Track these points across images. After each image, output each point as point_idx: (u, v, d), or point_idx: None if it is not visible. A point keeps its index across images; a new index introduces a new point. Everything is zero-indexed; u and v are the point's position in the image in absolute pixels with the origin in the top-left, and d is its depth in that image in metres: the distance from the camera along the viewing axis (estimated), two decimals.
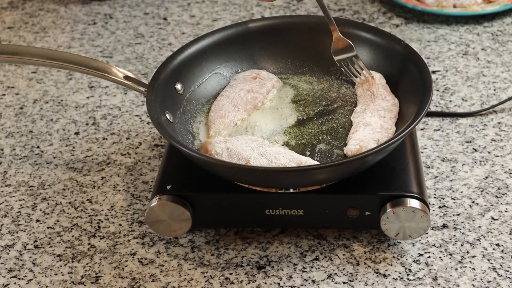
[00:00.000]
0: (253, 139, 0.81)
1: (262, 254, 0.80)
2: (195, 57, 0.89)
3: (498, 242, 0.80)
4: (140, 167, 0.93)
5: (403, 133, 0.74)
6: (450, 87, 1.05)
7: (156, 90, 0.82)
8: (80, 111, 1.05)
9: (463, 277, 0.76)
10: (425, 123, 0.98)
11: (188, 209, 0.78)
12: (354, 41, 0.89)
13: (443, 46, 1.14)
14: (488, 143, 0.94)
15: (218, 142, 0.80)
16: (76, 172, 0.93)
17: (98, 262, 0.80)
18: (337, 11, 1.26)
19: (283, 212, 0.78)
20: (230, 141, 0.80)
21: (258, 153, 0.78)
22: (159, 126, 0.77)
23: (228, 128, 0.85)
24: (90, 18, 1.29)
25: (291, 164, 0.76)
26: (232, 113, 0.85)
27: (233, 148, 0.78)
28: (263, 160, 0.77)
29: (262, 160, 0.77)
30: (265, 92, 0.89)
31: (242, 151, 0.78)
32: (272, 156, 0.77)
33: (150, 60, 1.16)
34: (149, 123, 1.02)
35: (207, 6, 1.30)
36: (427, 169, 0.90)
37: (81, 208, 0.88)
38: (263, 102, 0.88)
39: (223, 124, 0.84)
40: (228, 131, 0.85)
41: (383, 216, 0.76)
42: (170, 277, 0.78)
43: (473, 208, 0.84)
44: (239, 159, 0.78)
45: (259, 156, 0.77)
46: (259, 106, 0.88)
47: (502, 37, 1.15)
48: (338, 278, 0.77)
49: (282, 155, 0.78)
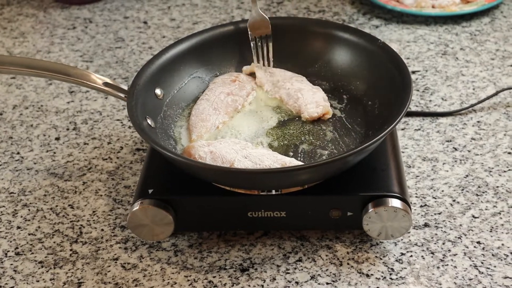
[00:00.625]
0: (236, 142, 0.81)
1: (245, 256, 0.80)
2: (174, 61, 0.89)
3: (479, 240, 0.81)
4: (122, 171, 0.93)
5: (384, 132, 0.75)
6: (430, 87, 1.06)
7: (136, 96, 0.82)
8: (60, 116, 1.04)
9: (445, 275, 0.77)
10: (405, 123, 0.98)
11: (170, 212, 0.78)
12: (332, 41, 0.90)
13: (422, 46, 1.15)
14: (468, 142, 0.95)
15: (201, 146, 0.80)
16: (57, 178, 0.93)
17: (81, 268, 0.80)
18: (317, 12, 1.26)
19: (266, 214, 0.78)
20: (213, 145, 0.80)
21: (242, 155, 0.78)
22: (142, 132, 0.77)
23: (210, 131, 0.84)
24: (69, 22, 1.28)
25: (275, 166, 0.76)
26: (213, 117, 0.85)
27: (217, 152, 0.78)
28: (248, 163, 0.77)
29: (246, 162, 0.77)
30: (245, 94, 0.89)
31: (226, 154, 0.78)
32: (256, 158, 0.78)
33: (131, 64, 1.16)
34: (130, 127, 1.01)
35: (187, 9, 1.30)
36: (408, 168, 0.91)
37: (62, 214, 0.87)
38: (243, 104, 0.88)
39: (205, 127, 0.84)
40: (210, 134, 0.85)
41: (365, 216, 0.76)
42: (153, 282, 0.78)
43: (454, 206, 0.85)
44: (223, 162, 0.78)
45: (243, 159, 0.78)
46: (239, 108, 0.88)
47: (480, 37, 1.16)
48: (321, 279, 0.77)
49: (266, 156, 0.78)
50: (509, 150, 0.93)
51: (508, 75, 1.07)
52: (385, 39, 1.17)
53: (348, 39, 0.90)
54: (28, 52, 1.21)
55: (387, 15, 1.24)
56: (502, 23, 1.20)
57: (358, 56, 0.89)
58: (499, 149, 0.93)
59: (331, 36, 0.91)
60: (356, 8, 1.26)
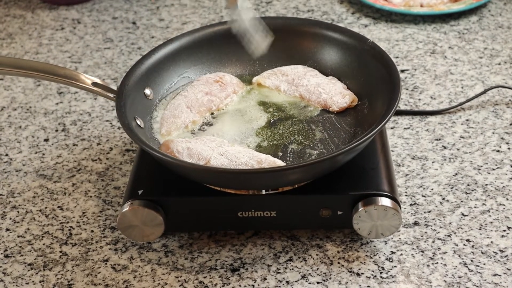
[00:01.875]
0: (212, 139, 0.81)
1: (236, 256, 0.80)
2: (163, 61, 0.89)
3: (469, 237, 0.81)
4: (112, 172, 0.93)
5: (373, 131, 0.75)
6: (418, 85, 1.06)
7: (125, 96, 0.82)
8: (49, 118, 1.04)
9: (435, 273, 0.77)
10: (395, 122, 0.99)
11: (161, 213, 0.77)
12: (322, 41, 0.90)
13: (411, 45, 1.15)
14: (457, 140, 0.95)
15: (180, 142, 0.80)
16: (46, 179, 0.92)
17: (71, 270, 0.80)
18: (306, 12, 1.26)
19: (256, 214, 0.78)
20: (189, 142, 0.80)
21: (218, 152, 0.78)
22: (130, 131, 0.77)
23: (179, 129, 0.84)
24: (57, 23, 1.28)
25: (251, 162, 0.76)
26: (184, 114, 0.85)
27: (193, 148, 0.79)
28: (224, 160, 0.77)
29: (222, 159, 0.77)
30: (224, 96, 0.88)
31: (202, 151, 0.78)
32: (232, 156, 0.78)
33: (120, 64, 1.15)
34: (119, 128, 1.01)
35: (176, 10, 1.30)
36: (397, 167, 0.91)
37: (52, 215, 0.87)
38: (218, 107, 0.88)
39: (175, 124, 0.84)
40: (179, 132, 0.84)
41: (355, 215, 0.76)
42: (144, 283, 0.78)
43: (443, 205, 0.85)
44: (199, 159, 0.78)
45: (219, 156, 0.78)
46: (213, 110, 0.87)
47: (469, 35, 1.17)
48: (312, 278, 0.77)
49: (242, 153, 0.78)
50: (498, 148, 0.93)
51: (496, 73, 1.08)
52: (374, 38, 1.17)
53: (338, 38, 0.90)
54: (16, 53, 1.20)
55: (376, 14, 1.24)
56: (490, 21, 1.20)
57: (348, 56, 0.90)
58: (488, 147, 0.94)
59: (320, 36, 0.91)
60: (345, 8, 1.27)
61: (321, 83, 0.88)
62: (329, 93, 0.87)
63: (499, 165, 0.91)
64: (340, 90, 0.88)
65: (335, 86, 0.88)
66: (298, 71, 0.90)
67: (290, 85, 0.89)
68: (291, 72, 0.90)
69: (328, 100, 0.87)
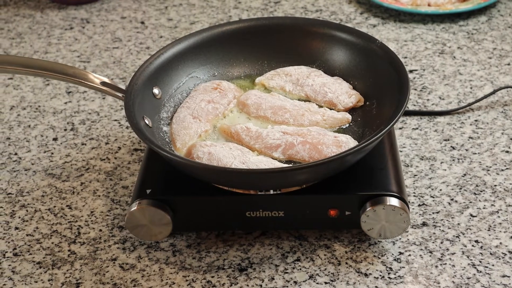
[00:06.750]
0: (238, 148, 0.80)
1: (244, 256, 0.80)
2: (172, 61, 0.89)
3: (477, 238, 0.81)
4: (120, 172, 0.93)
5: (382, 132, 0.75)
6: (427, 86, 1.06)
7: (133, 96, 0.82)
8: (58, 117, 1.04)
9: (443, 274, 0.77)
10: (403, 122, 0.98)
11: (169, 213, 0.78)
12: (330, 41, 0.90)
13: (419, 45, 1.15)
14: (465, 140, 0.95)
15: (202, 146, 0.80)
16: (55, 178, 0.93)
17: (79, 269, 0.80)
18: (314, 12, 1.26)
19: (264, 214, 0.78)
20: (213, 146, 0.80)
21: (239, 161, 0.78)
22: (138, 131, 0.77)
23: (193, 139, 0.84)
24: (66, 23, 1.28)
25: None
26: (194, 125, 0.84)
27: (215, 153, 0.79)
28: (243, 167, 0.77)
29: (242, 167, 0.77)
30: (226, 102, 0.88)
31: (223, 158, 0.78)
32: (253, 164, 0.78)
33: (128, 64, 1.15)
34: (128, 128, 1.01)
35: (184, 9, 1.30)
36: (406, 167, 0.91)
37: (60, 214, 0.87)
38: (224, 113, 0.88)
39: (188, 135, 0.83)
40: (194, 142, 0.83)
41: (363, 215, 0.76)
42: (151, 282, 0.78)
43: (452, 205, 0.85)
44: (218, 165, 0.77)
45: (240, 164, 0.77)
46: (220, 116, 0.87)
47: (478, 36, 1.17)
48: (320, 278, 0.77)
49: (264, 163, 0.78)
50: (507, 148, 0.93)
51: (506, 73, 1.07)
52: (382, 38, 1.17)
53: (346, 39, 0.90)
54: (26, 53, 1.20)
55: (384, 14, 1.24)
56: (499, 21, 1.20)
57: (356, 56, 0.89)
58: (497, 148, 0.93)
59: (329, 36, 0.91)
60: (353, 8, 1.26)
61: (327, 83, 0.88)
62: (335, 92, 0.87)
63: (508, 166, 0.90)
64: (346, 90, 0.88)
65: (341, 86, 0.88)
66: (302, 71, 0.90)
67: (295, 85, 0.89)
68: (295, 72, 0.90)
69: (334, 99, 0.87)
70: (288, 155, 0.80)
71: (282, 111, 0.85)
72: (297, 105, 0.86)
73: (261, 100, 0.87)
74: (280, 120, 0.85)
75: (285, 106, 0.86)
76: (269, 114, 0.86)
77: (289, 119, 0.85)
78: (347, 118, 0.85)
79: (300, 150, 0.79)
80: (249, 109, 0.87)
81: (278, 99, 0.87)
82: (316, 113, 0.85)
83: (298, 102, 0.87)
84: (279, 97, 0.88)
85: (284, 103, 0.86)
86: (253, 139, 0.82)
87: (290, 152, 0.80)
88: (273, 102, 0.87)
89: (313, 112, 0.85)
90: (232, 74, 0.93)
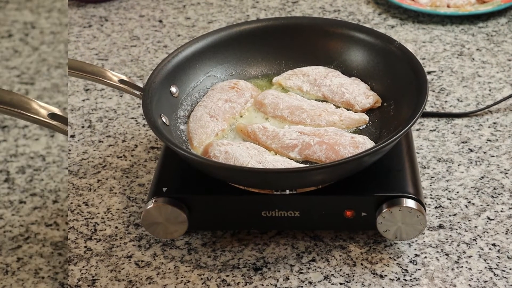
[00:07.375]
0: (255, 147, 0.80)
1: (259, 255, 0.80)
2: (189, 60, 0.89)
3: (494, 242, 0.80)
4: (136, 169, 0.93)
5: (399, 134, 0.74)
6: (445, 87, 1.05)
7: (151, 94, 0.82)
8: (75, 114, 1.05)
9: (459, 277, 0.76)
10: (420, 124, 0.98)
11: (185, 211, 0.78)
12: (348, 42, 0.90)
13: (438, 46, 1.14)
14: (483, 143, 0.94)
15: (219, 145, 0.80)
16: (72, 175, 0.93)
17: (95, 265, 0.80)
18: (332, 12, 1.26)
19: (280, 214, 0.78)
20: (230, 145, 0.80)
21: (256, 160, 0.78)
22: (156, 129, 0.77)
23: (210, 138, 0.84)
24: (85, 21, 1.29)
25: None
26: (211, 124, 0.85)
27: (231, 152, 0.79)
28: (260, 167, 0.77)
29: (258, 166, 0.77)
30: (243, 102, 0.88)
31: (239, 157, 0.78)
32: (269, 164, 0.77)
33: (146, 62, 1.16)
34: (145, 126, 1.02)
35: (202, 8, 1.30)
36: (423, 169, 0.90)
37: (77, 211, 0.88)
38: (241, 112, 0.88)
39: (205, 134, 0.83)
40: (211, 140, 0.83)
41: (379, 216, 0.76)
42: (166, 280, 0.78)
43: (469, 208, 0.84)
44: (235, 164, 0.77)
45: (256, 163, 0.77)
46: (237, 116, 0.87)
47: (497, 38, 1.16)
48: (334, 279, 0.77)
49: (281, 162, 0.78)
50: None
51: None
52: (400, 39, 1.16)
53: (364, 39, 0.90)
54: None
55: (403, 15, 1.23)
56: None
57: (374, 57, 0.89)
58: None
59: (347, 37, 0.91)
60: (372, 8, 1.26)
61: (345, 83, 0.88)
62: (353, 93, 0.87)
63: None
64: (363, 91, 0.87)
65: (358, 87, 0.88)
66: (319, 71, 0.90)
67: (312, 85, 0.89)
68: (312, 72, 0.90)
69: (352, 100, 0.86)
70: (305, 155, 0.80)
71: (299, 111, 0.85)
72: (314, 105, 0.86)
73: (278, 100, 0.87)
74: (297, 120, 0.85)
75: (302, 106, 0.86)
76: (286, 114, 0.85)
77: (306, 119, 0.84)
78: (364, 119, 0.85)
79: (317, 150, 0.79)
80: (266, 109, 0.87)
81: (295, 99, 0.87)
82: (333, 113, 0.85)
83: (315, 102, 0.87)
84: (296, 97, 0.88)
85: (301, 103, 0.86)
86: (269, 139, 0.82)
87: (306, 152, 0.80)
88: (290, 102, 0.86)
89: (330, 113, 0.85)
90: (249, 74, 0.93)
